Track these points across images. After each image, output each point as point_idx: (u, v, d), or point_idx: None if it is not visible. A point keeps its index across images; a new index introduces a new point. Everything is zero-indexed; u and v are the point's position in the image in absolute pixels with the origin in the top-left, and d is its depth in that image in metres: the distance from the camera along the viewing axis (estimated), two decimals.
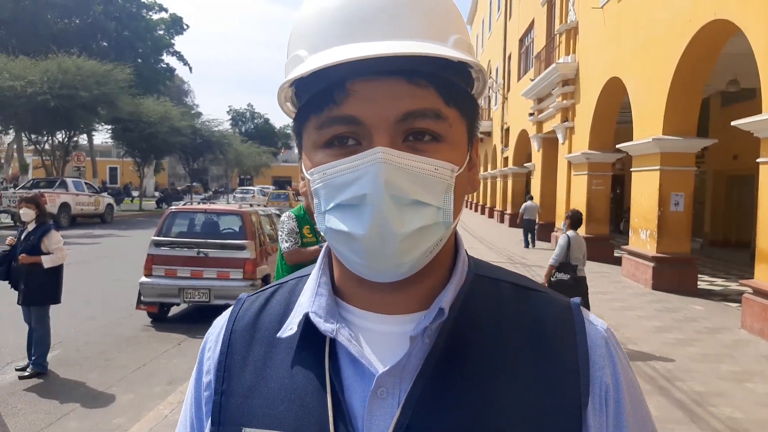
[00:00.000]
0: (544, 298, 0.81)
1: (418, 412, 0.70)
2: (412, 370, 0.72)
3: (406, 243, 0.69)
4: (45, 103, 24.87)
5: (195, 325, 8.48)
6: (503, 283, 0.82)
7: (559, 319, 0.79)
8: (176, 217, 9.13)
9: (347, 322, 0.77)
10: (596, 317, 0.82)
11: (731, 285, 12.34)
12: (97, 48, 42.70)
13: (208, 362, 0.83)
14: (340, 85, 0.69)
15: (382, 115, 0.68)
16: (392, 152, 0.67)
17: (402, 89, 0.68)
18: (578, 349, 0.76)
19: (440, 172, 0.70)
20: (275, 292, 0.86)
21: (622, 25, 13.39)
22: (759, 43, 8.06)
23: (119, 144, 37.27)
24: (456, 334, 0.74)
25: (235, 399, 0.77)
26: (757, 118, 7.87)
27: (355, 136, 0.70)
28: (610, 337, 0.80)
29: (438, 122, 0.70)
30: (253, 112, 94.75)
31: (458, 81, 0.73)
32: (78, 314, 8.72)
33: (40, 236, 6.15)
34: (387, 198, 0.66)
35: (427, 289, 0.76)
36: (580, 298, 0.84)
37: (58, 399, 5.60)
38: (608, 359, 0.78)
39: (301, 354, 0.77)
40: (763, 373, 6.37)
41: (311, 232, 4.84)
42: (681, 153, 11.24)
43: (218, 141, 45.82)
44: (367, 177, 0.67)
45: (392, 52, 0.65)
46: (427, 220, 0.69)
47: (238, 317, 0.84)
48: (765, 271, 7.87)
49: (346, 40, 0.68)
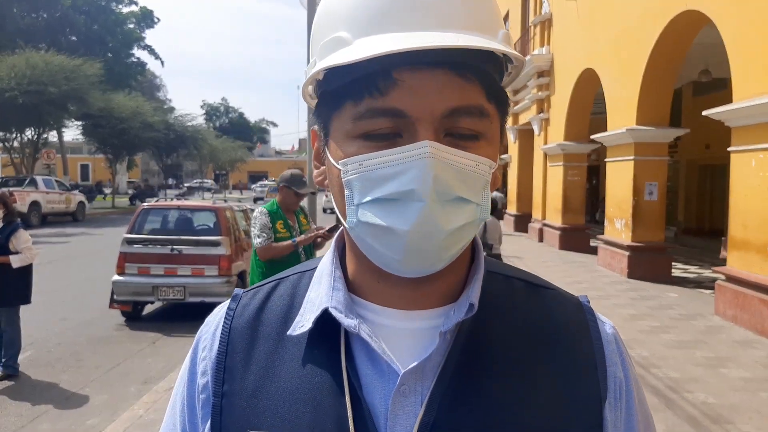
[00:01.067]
0: (556, 295, 0.82)
1: (443, 410, 0.69)
2: (433, 368, 0.71)
3: (449, 240, 0.67)
4: (13, 100, 24.38)
5: (170, 323, 8.37)
6: (515, 280, 0.81)
7: (572, 316, 0.80)
8: (149, 213, 8.98)
9: (364, 318, 0.74)
10: (602, 315, 0.84)
11: (705, 272, 12.55)
12: (66, 43, 41.90)
13: (204, 362, 0.79)
14: (385, 74, 0.65)
15: (429, 109, 0.65)
16: (439, 147, 0.65)
17: (450, 82, 0.66)
18: (594, 345, 0.78)
19: (480, 168, 0.68)
20: (276, 287, 0.82)
21: (595, 17, 13.48)
22: (729, 33, 8.15)
23: (90, 140, 36.69)
24: (475, 331, 0.73)
25: (239, 400, 0.74)
26: (728, 107, 7.97)
27: (395, 131, 0.67)
28: (617, 334, 0.82)
29: (482, 119, 0.69)
30: (227, 107, 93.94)
31: (498, 76, 0.73)
32: (50, 314, 8.55)
33: (8, 235, 6.00)
34: (434, 194, 0.64)
35: (450, 284, 0.75)
36: (585, 296, 0.86)
37: (30, 401, 5.49)
38: (619, 355, 0.80)
39: (314, 352, 0.74)
40: (737, 358, 6.47)
41: (284, 227, 4.81)
42: (654, 143, 11.37)
43: (192, 136, 45.30)
44: (414, 171, 0.64)
45: (449, 44, 0.62)
46: (469, 217, 0.68)
47: (236, 314, 0.80)
48: (737, 258, 7.99)
49: (394, 28, 0.65)
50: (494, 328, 0.74)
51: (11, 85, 24.53)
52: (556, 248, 16.20)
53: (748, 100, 7.50)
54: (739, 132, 7.96)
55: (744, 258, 7.80)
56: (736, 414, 4.96)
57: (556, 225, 16.59)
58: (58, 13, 43.40)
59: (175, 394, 0.83)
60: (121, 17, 49.90)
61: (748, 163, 7.73)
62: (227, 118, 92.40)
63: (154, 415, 4.88)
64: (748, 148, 7.71)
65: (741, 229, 7.90)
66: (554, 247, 16.41)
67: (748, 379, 5.82)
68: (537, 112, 18.33)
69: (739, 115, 7.78)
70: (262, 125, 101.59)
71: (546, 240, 17.61)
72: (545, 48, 17.58)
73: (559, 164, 16.46)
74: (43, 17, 43.34)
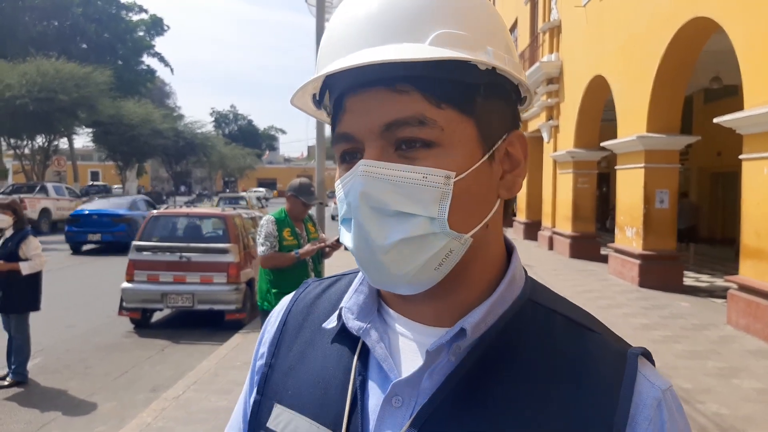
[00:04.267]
0: (599, 340, 0.73)
1: (427, 429, 0.68)
2: (432, 386, 0.70)
3: (393, 255, 0.67)
4: (24, 107, 24.57)
5: (178, 330, 8.37)
6: (558, 315, 0.75)
7: (608, 367, 0.70)
8: (158, 221, 9.01)
9: (385, 324, 0.77)
10: (660, 375, 0.73)
11: (717, 281, 12.43)
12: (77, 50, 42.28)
13: (267, 335, 0.86)
14: (339, 102, 0.70)
15: (368, 128, 0.68)
16: (374, 164, 0.66)
17: (383, 99, 0.67)
18: (620, 403, 0.67)
19: (430, 180, 0.66)
20: (335, 282, 0.88)
21: (604, 24, 13.44)
22: (739, 40, 8.10)
23: (100, 147, 36.94)
24: (486, 359, 0.70)
25: (277, 374, 0.81)
26: (739, 114, 7.90)
27: (356, 152, 0.70)
28: (669, 400, 0.70)
29: (423, 128, 0.66)
30: (236, 114, 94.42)
31: (459, 77, 0.68)
32: (59, 321, 8.58)
33: (18, 242, 6.02)
34: (366, 210, 0.66)
35: (460, 304, 0.73)
36: (643, 348, 0.74)
37: (39, 408, 5.49)
38: (656, 424, 0.68)
39: (336, 346, 0.78)
40: (749, 368, 6.39)
41: (291, 235, 4.79)
42: (665, 150, 11.29)
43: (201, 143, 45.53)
44: (352, 191, 0.67)
45: (346, 65, 0.64)
46: (414, 230, 0.66)
47: (298, 299, 0.87)
48: (750, 267, 7.91)
49: (335, 56, 0.69)
50: (509, 360, 0.70)
51: (22, 93, 24.73)
52: (566, 256, 16.10)
53: (759, 108, 7.44)
54: (750, 139, 7.89)
55: (757, 267, 7.72)
56: (749, 425, 4.89)
57: (566, 233, 16.50)
58: (69, 22, 43.82)
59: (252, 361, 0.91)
60: (131, 25, 50.34)
61: (761, 171, 7.65)
62: (236, 125, 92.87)
63: (163, 422, 4.86)
64: (760, 155, 7.64)
65: (754, 238, 7.82)
66: (564, 256, 16.32)
67: (761, 390, 5.74)
68: (546, 119, 18.28)
69: (751, 123, 7.71)
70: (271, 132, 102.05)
71: (556, 248, 17.52)
72: (554, 55, 17.54)
73: (568, 171, 16.38)
74: (54, 25, 43.78)
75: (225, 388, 5.69)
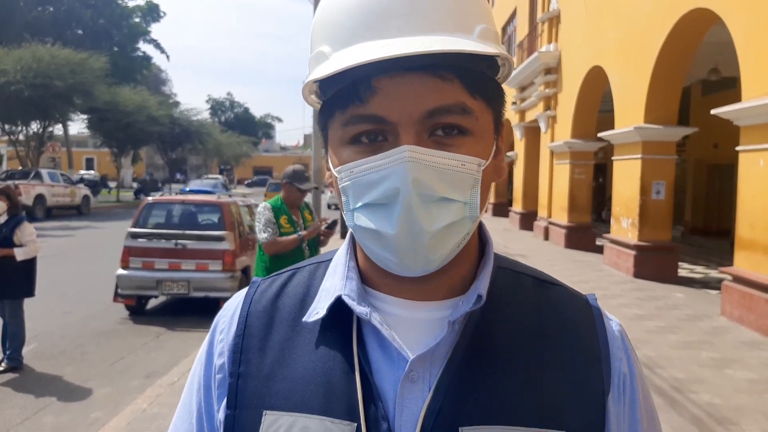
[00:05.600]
0: (564, 291, 0.85)
1: (449, 397, 0.71)
2: (441, 356, 0.73)
3: (435, 239, 0.69)
4: (19, 93, 24.40)
5: (173, 317, 8.38)
6: (524, 276, 0.84)
7: (579, 312, 0.82)
8: (153, 208, 8.97)
9: (375, 307, 0.77)
10: (609, 313, 0.86)
11: (711, 272, 12.47)
12: (72, 36, 41.95)
13: (221, 344, 0.82)
14: (365, 82, 0.68)
15: (408, 113, 0.68)
16: (419, 150, 0.67)
17: (426, 85, 0.68)
18: (599, 340, 0.80)
19: (467, 167, 0.70)
20: (293, 276, 0.86)
21: (603, 14, 13.40)
22: (739, 32, 8.08)
23: (95, 134, 36.74)
24: (483, 322, 0.76)
25: (254, 382, 0.77)
26: (737, 106, 7.90)
27: (386, 133, 0.70)
28: (624, 331, 0.85)
29: (464, 117, 0.70)
30: (232, 101, 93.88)
31: (484, 70, 0.73)
32: (54, 307, 8.57)
33: (12, 228, 6.01)
34: (415, 196, 0.67)
35: (457, 278, 0.78)
36: (593, 294, 0.88)
37: (34, 393, 5.50)
38: (624, 351, 0.82)
39: (327, 338, 0.77)
40: (742, 359, 6.43)
41: (288, 222, 4.82)
42: (662, 141, 11.30)
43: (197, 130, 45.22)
44: (395, 176, 0.67)
45: (412, 51, 0.64)
46: (455, 216, 0.70)
47: (254, 299, 0.84)
48: (744, 259, 7.94)
49: (368, 36, 0.68)
50: (501, 320, 0.77)
51: (17, 78, 24.53)
52: (562, 247, 16.14)
53: (757, 99, 7.44)
54: (747, 131, 7.89)
55: (751, 258, 7.75)
56: (742, 415, 4.92)
57: (562, 223, 16.53)
58: (65, 7, 43.44)
59: (192, 375, 0.86)
60: (126, 11, 49.90)
61: (757, 163, 7.66)
62: (232, 113, 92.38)
63: (157, 408, 4.87)
64: (757, 147, 7.64)
65: (748, 229, 7.84)
66: (560, 246, 16.36)
67: (754, 380, 5.78)
68: (544, 109, 18.25)
69: (748, 114, 7.71)
70: (268, 120, 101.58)
71: (551, 238, 17.56)
72: (553, 45, 17.49)
73: (565, 162, 16.39)
74: (50, 11, 43.41)
75: None
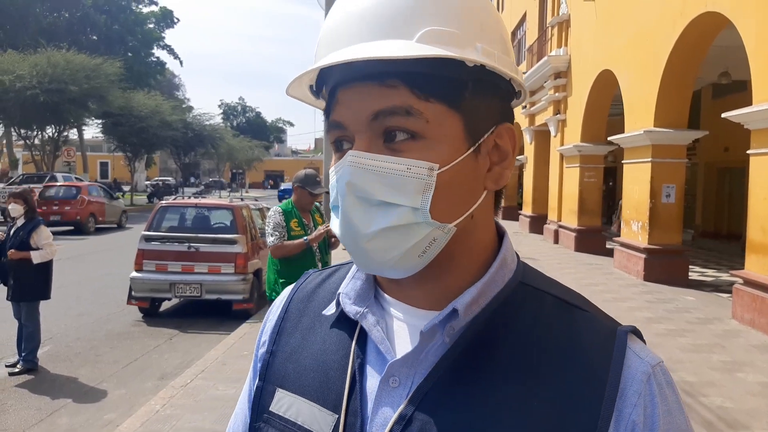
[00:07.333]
0: (589, 318, 0.75)
1: (423, 407, 0.70)
2: (427, 366, 0.73)
3: (377, 242, 0.70)
4: (34, 98, 24.69)
5: (186, 319, 8.46)
6: (548, 296, 0.77)
7: (598, 343, 0.72)
8: (167, 211, 9.08)
9: (381, 309, 0.80)
10: (650, 351, 0.75)
11: (722, 276, 12.40)
12: (87, 42, 42.31)
13: (269, 323, 0.90)
14: (333, 94, 0.73)
15: (357, 119, 0.70)
16: (362, 155, 0.69)
17: (373, 92, 0.69)
18: (610, 377, 0.69)
19: (414, 171, 0.69)
20: (335, 272, 0.91)
21: (613, 18, 13.38)
22: (749, 35, 8.06)
23: (110, 138, 37.06)
24: (480, 338, 0.72)
25: (279, 361, 0.83)
26: (747, 110, 7.88)
27: (347, 140, 0.73)
28: (659, 374, 0.72)
29: (409, 119, 0.69)
30: (244, 106, 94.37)
31: (445, 73, 0.69)
32: (69, 310, 8.68)
33: (29, 232, 6.11)
34: (352, 199, 0.70)
35: (449, 288, 0.75)
36: (632, 326, 0.76)
37: (49, 395, 5.58)
38: (646, 398, 0.70)
39: (335, 332, 0.81)
40: (754, 363, 6.41)
41: (299, 226, 4.85)
42: (672, 145, 11.26)
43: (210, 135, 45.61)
44: (339, 180, 0.71)
45: (336, 60, 0.67)
46: (397, 220, 0.69)
47: (300, 288, 0.91)
48: (755, 262, 7.90)
49: (326, 50, 0.72)
50: (503, 339, 0.72)
51: (33, 84, 24.83)
52: (572, 250, 16.09)
53: (767, 103, 7.42)
54: (758, 135, 7.87)
55: (762, 261, 7.71)
56: (753, 419, 4.91)
57: (572, 227, 16.48)
58: (80, 13, 43.87)
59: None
60: (141, 17, 50.32)
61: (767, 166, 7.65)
62: (244, 118, 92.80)
63: (171, 410, 4.94)
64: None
65: (759, 233, 7.81)
66: (569, 249, 16.31)
67: (765, 384, 5.76)
68: (554, 113, 18.22)
69: (759, 118, 7.68)
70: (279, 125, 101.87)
71: (561, 242, 17.50)
72: (563, 49, 17.47)
73: (575, 165, 16.35)
74: (65, 16, 43.86)
75: (232, 377, 5.76)
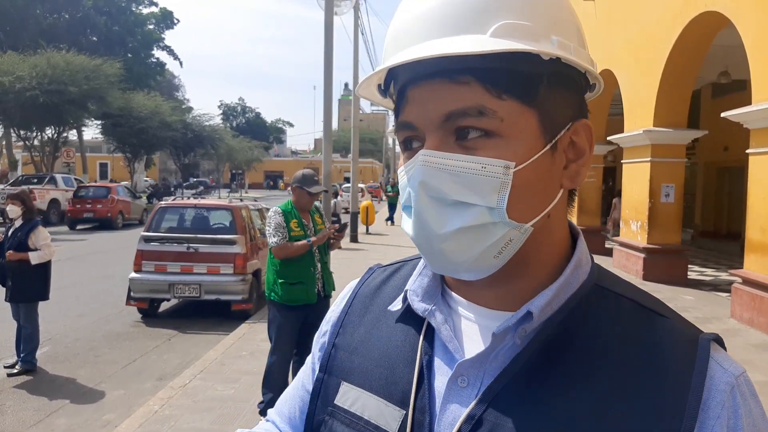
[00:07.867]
0: (669, 325, 0.72)
1: (493, 408, 0.69)
2: (498, 367, 0.71)
3: (452, 243, 0.68)
4: (34, 99, 24.72)
5: (185, 320, 8.45)
6: (626, 300, 0.74)
7: (679, 352, 0.69)
8: (166, 212, 9.08)
9: (449, 307, 0.79)
10: (733, 360, 0.71)
11: (721, 275, 12.40)
12: (87, 43, 42.39)
13: (332, 315, 0.91)
14: (402, 93, 0.72)
15: (428, 118, 0.69)
16: (434, 154, 0.68)
17: (444, 90, 0.68)
18: (692, 388, 0.66)
19: (489, 170, 0.67)
20: (400, 268, 0.91)
21: (613, 17, 13.38)
22: (749, 34, 8.06)
23: (109, 139, 37.10)
24: (553, 342, 0.70)
25: (343, 354, 0.84)
26: (747, 109, 7.88)
27: (417, 139, 0.72)
28: (743, 385, 0.69)
29: (482, 119, 0.67)
30: (244, 107, 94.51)
31: (520, 68, 0.67)
32: (67, 311, 8.68)
33: (27, 232, 6.10)
34: (425, 199, 0.68)
35: (522, 289, 0.73)
36: (715, 334, 0.73)
37: (48, 396, 5.57)
38: (729, 409, 0.66)
39: (401, 328, 0.81)
40: (753, 362, 6.41)
41: (299, 226, 4.85)
42: (672, 145, 11.27)
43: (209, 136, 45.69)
44: (411, 180, 0.69)
45: (405, 59, 0.67)
46: (473, 220, 0.67)
47: (364, 283, 0.91)
48: (754, 261, 7.91)
49: (394, 50, 0.72)
50: (577, 343, 0.70)
51: (33, 85, 24.86)
52: None
53: (767, 102, 7.42)
54: (757, 134, 7.87)
55: (761, 261, 7.72)
56: None
57: None
58: (80, 14, 43.94)
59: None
60: (141, 18, 50.39)
61: (767, 166, 7.64)
62: (244, 118, 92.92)
63: (169, 411, 4.94)
64: (767, 150, 7.62)
65: (759, 232, 7.81)
66: None
67: (764, 383, 5.75)
68: None
69: (758, 117, 7.69)
70: (279, 125, 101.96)
71: None
72: None
73: None
74: (65, 18, 43.91)
75: (231, 377, 5.76)
